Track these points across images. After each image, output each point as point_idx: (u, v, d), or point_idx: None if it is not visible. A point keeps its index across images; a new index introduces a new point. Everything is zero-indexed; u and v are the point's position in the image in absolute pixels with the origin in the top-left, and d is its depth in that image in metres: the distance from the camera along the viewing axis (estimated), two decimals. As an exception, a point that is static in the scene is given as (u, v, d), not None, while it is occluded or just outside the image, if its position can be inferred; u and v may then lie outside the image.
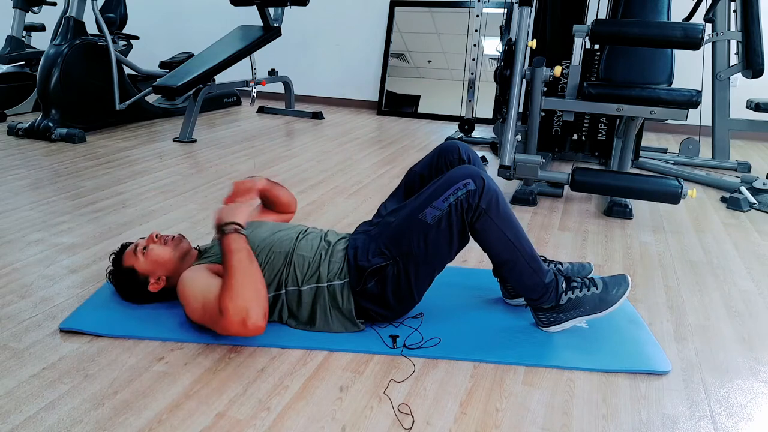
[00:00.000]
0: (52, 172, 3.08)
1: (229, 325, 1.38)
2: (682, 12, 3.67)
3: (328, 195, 2.84)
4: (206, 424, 1.22)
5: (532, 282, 1.55)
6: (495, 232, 1.49)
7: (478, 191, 1.46)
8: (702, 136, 3.83)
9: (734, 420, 1.30)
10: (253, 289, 1.39)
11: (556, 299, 1.56)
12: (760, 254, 2.28)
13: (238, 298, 1.37)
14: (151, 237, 1.65)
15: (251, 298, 1.38)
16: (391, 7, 5.38)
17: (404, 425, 1.24)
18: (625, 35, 2.52)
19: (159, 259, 1.62)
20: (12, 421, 1.22)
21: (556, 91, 3.49)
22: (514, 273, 1.54)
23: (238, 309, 1.36)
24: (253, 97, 4.52)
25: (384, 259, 1.51)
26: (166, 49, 5.70)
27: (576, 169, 2.64)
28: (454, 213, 1.47)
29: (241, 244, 1.45)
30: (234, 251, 1.43)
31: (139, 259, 1.61)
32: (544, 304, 1.58)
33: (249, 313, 1.36)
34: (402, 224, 1.52)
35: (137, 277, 1.61)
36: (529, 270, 1.53)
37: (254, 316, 1.37)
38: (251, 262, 1.43)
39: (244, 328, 1.37)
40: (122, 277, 1.64)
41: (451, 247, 1.52)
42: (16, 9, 4.81)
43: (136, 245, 1.64)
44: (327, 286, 1.54)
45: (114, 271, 1.66)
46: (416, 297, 1.57)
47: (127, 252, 1.65)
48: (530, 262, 1.53)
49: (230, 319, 1.37)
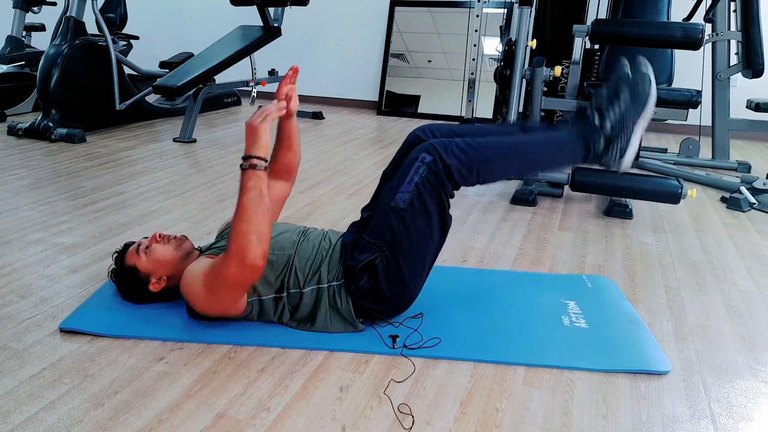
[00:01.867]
0: (52, 172, 3.08)
1: (228, 264, 1.39)
2: (682, 12, 3.67)
3: (328, 195, 2.84)
4: (206, 424, 1.22)
5: (566, 156, 1.55)
6: (486, 170, 1.52)
7: (437, 158, 1.49)
8: (702, 136, 3.83)
9: (734, 420, 1.30)
10: (255, 231, 1.38)
11: (600, 135, 1.55)
12: (760, 254, 2.28)
13: (240, 238, 1.37)
14: (155, 236, 1.65)
15: (252, 239, 1.37)
16: (391, 7, 5.38)
17: (404, 425, 1.24)
18: (625, 35, 2.52)
19: (161, 259, 1.61)
20: (12, 421, 1.22)
21: (556, 91, 3.49)
22: (546, 168, 1.56)
23: (239, 247, 1.37)
24: (253, 97, 4.52)
25: (371, 253, 1.51)
26: (166, 49, 5.69)
27: (576, 169, 2.64)
28: (424, 191, 1.49)
29: (255, 182, 1.40)
30: (247, 190, 1.40)
31: (141, 258, 1.61)
32: (598, 149, 1.56)
33: (247, 252, 1.36)
34: (379, 216, 1.53)
35: (138, 276, 1.61)
36: (549, 156, 1.55)
37: (251, 256, 1.37)
38: (259, 203, 1.39)
39: (241, 267, 1.38)
40: (124, 276, 1.64)
41: (431, 224, 1.52)
42: (16, 9, 4.80)
43: (138, 244, 1.64)
44: (327, 287, 1.55)
45: (116, 270, 1.66)
46: (412, 287, 1.56)
47: (130, 251, 1.65)
48: (543, 152, 1.54)
49: (230, 257, 1.38)
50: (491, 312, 1.71)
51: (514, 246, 2.28)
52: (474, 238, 2.35)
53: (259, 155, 1.43)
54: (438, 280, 1.84)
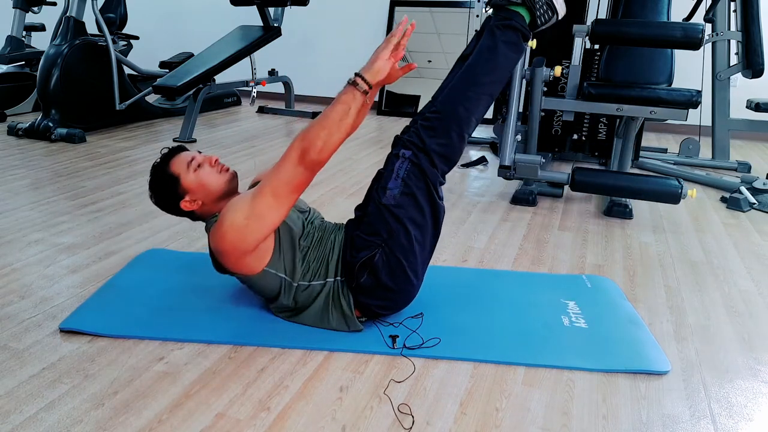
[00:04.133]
0: (52, 172, 3.08)
1: (288, 157, 1.41)
2: (682, 12, 3.67)
3: (328, 195, 2.84)
4: (206, 424, 1.22)
5: (510, 52, 1.62)
6: (458, 122, 1.55)
7: (415, 150, 1.53)
8: (702, 136, 3.83)
9: (734, 420, 1.30)
10: (326, 138, 1.40)
11: (515, 7, 1.63)
12: (760, 254, 2.28)
13: (309, 135, 1.40)
14: (210, 159, 1.60)
15: (319, 142, 1.39)
16: (391, 7, 5.38)
17: (404, 425, 1.24)
18: (625, 35, 2.52)
19: (206, 183, 1.56)
20: (12, 421, 1.22)
21: (556, 91, 3.49)
22: (504, 74, 1.65)
23: (305, 143, 1.40)
24: (253, 97, 4.52)
25: (369, 250, 1.51)
26: (166, 49, 5.69)
27: (576, 169, 2.64)
28: (411, 183, 1.51)
29: (349, 99, 1.42)
30: (338, 101, 1.43)
31: (189, 173, 1.56)
32: (525, 22, 1.63)
33: (311, 149, 1.39)
34: (372, 214, 1.54)
35: (176, 188, 1.56)
36: (497, 65, 1.62)
37: (313, 154, 1.39)
38: (342, 118, 1.41)
39: (301, 162, 1.40)
40: (162, 180, 1.58)
41: (424, 214, 1.53)
42: (16, 9, 4.81)
43: (192, 158, 1.58)
44: (333, 282, 1.56)
45: (158, 168, 1.60)
46: (414, 279, 1.56)
47: (180, 159, 1.58)
48: (489, 66, 1.61)
49: (292, 149, 1.40)
50: (491, 312, 1.71)
51: (514, 246, 2.28)
52: (474, 238, 2.35)
53: (365, 77, 1.44)
54: (438, 280, 1.84)
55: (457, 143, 1.56)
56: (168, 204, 1.61)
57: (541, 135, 3.46)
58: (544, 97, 2.82)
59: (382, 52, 1.46)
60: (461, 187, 3.07)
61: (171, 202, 1.59)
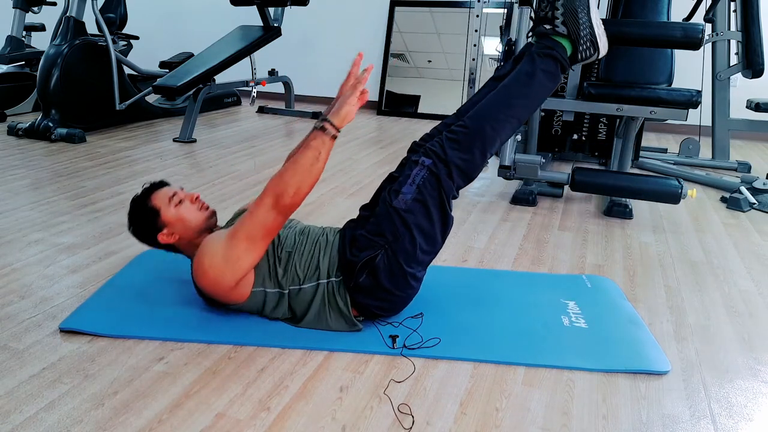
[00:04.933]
0: (52, 172, 3.08)
1: (261, 203, 1.44)
2: (682, 12, 3.67)
3: (328, 195, 2.84)
4: (206, 424, 1.22)
5: (545, 82, 1.63)
6: (483, 142, 1.56)
7: (435, 160, 1.54)
8: (702, 136, 3.83)
9: (734, 420, 1.30)
10: (297, 184, 1.43)
11: (559, 38, 1.62)
12: (760, 254, 2.28)
13: (281, 182, 1.43)
14: (191, 196, 1.63)
15: (291, 189, 1.42)
16: (391, 7, 5.38)
17: (404, 425, 1.24)
18: (625, 35, 2.51)
19: (186, 219, 1.59)
20: (12, 421, 1.22)
21: (556, 91, 3.49)
22: (536, 103, 1.67)
23: (278, 190, 1.43)
24: (253, 97, 4.52)
25: (372, 250, 1.51)
26: (166, 49, 5.69)
27: (576, 169, 2.64)
28: (425, 191, 1.52)
29: (318, 144, 1.45)
30: (308, 147, 1.45)
31: (170, 208, 1.58)
32: (566, 54, 1.64)
33: (284, 195, 1.42)
34: (380, 215, 1.54)
35: (155, 221, 1.58)
36: (531, 92, 1.63)
37: (286, 200, 1.42)
38: (312, 164, 1.43)
39: (275, 208, 1.43)
40: (142, 212, 1.61)
41: (432, 224, 1.54)
42: (16, 9, 4.81)
43: (174, 193, 1.61)
44: (326, 283, 1.55)
45: (138, 200, 1.63)
46: (413, 284, 1.56)
47: (162, 193, 1.61)
48: (523, 92, 1.61)
49: (265, 196, 1.44)
50: (491, 312, 1.71)
51: (514, 246, 2.28)
52: (474, 238, 2.35)
53: (333, 122, 1.47)
54: (438, 280, 1.84)
55: (478, 161, 1.57)
56: (145, 235, 1.64)
57: (541, 135, 3.46)
58: (544, 97, 2.82)
59: (350, 98, 1.48)
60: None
61: (149, 233, 1.62)
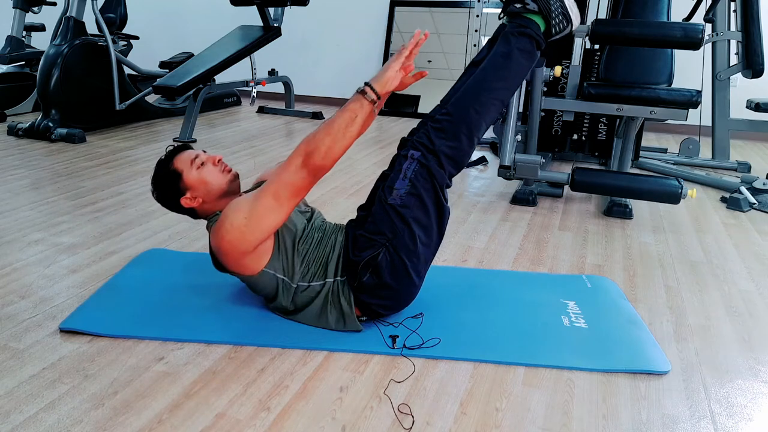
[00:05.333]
0: (52, 172, 3.08)
1: (292, 160, 1.42)
2: (682, 12, 3.67)
3: (328, 195, 2.84)
4: (206, 424, 1.22)
5: (523, 60, 1.63)
6: (468, 126, 1.55)
7: (424, 151, 1.53)
8: (702, 136, 3.83)
9: (734, 420, 1.30)
10: (330, 144, 1.41)
11: (532, 16, 1.63)
12: (760, 254, 2.28)
13: (315, 140, 1.42)
14: (214, 158, 1.61)
15: (323, 148, 1.41)
16: (391, 7, 5.38)
17: (404, 425, 1.24)
18: (625, 35, 2.52)
19: (208, 182, 1.58)
20: (12, 421, 1.22)
21: (556, 91, 3.49)
22: (516, 82, 1.66)
23: (310, 147, 1.41)
24: (253, 97, 4.52)
25: (373, 249, 1.51)
26: (166, 49, 5.70)
27: (576, 169, 2.64)
28: (418, 184, 1.52)
29: (356, 107, 1.44)
30: (345, 109, 1.44)
31: (192, 170, 1.58)
32: (540, 30, 1.64)
33: (315, 154, 1.41)
34: (377, 213, 1.54)
35: (178, 184, 1.58)
36: (510, 72, 1.63)
37: (317, 158, 1.41)
38: (347, 125, 1.43)
39: (304, 166, 1.42)
40: (164, 175, 1.60)
41: (429, 216, 1.54)
42: (16, 9, 4.81)
43: (197, 155, 1.60)
44: (333, 282, 1.56)
45: (162, 164, 1.62)
46: (416, 279, 1.56)
47: (184, 156, 1.60)
48: (502, 73, 1.62)
49: (297, 153, 1.42)
50: (491, 312, 1.71)
51: (514, 246, 2.28)
52: (474, 238, 2.35)
53: (374, 87, 1.46)
54: (438, 280, 1.84)
55: (466, 146, 1.57)
56: (169, 200, 1.62)
57: (541, 135, 3.46)
58: (544, 97, 2.82)
59: (393, 63, 1.48)
60: (461, 187, 3.07)
61: (172, 197, 1.60)
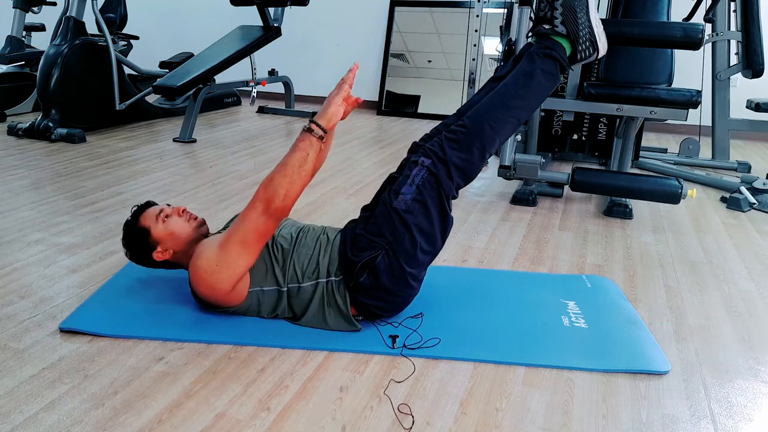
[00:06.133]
0: (52, 172, 3.08)
1: (252, 209, 1.45)
2: (682, 12, 3.67)
3: (328, 195, 2.84)
4: (206, 424, 1.22)
5: (545, 81, 1.63)
6: (482, 142, 1.55)
7: (435, 160, 1.54)
8: (702, 136, 3.83)
9: (734, 420, 1.30)
10: (287, 187, 1.44)
11: (559, 39, 1.63)
12: (760, 254, 2.28)
13: (272, 186, 1.44)
14: (178, 209, 1.64)
15: (282, 191, 1.43)
16: (391, 7, 5.38)
17: (404, 425, 1.24)
18: (625, 35, 2.51)
19: (175, 232, 1.61)
20: (12, 421, 1.22)
21: (556, 91, 3.49)
22: (536, 102, 1.66)
23: (268, 194, 1.44)
24: (253, 97, 4.52)
25: (373, 250, 1.51)
26: (166, 49, 5.69)
27: (576, 169, 2.64)
28: (425, 192, 1.52)
29: (306, 146, 1.46)
30: (296, 149, 1.46)
31: (158, 225, 1.60)
32: (565, 54, 1.64)
33: (274, 199, 1.43)
34: (380, 215, 1.54)
35: (147, 240, 1.61)
36: (531, 92, 1.63)
37: (278, 203, 1.43)
38: (300, 165, 1.45)
39: (265, 213, 1.44)
40: (134, 234, 1.63)
41: (432, 224, 1.54)
42: (16, 9, 4.81)
43: (161, 210, 1.63)
44: (326, 282, 1.56)
45: (129, 224, 1.65)
46: (413, 284, 1.56)
47: (149, 213, 1.63)
48: (523, 92, 1.62)
49: (256, 202, 1.45)
50: (491, 312, 1.71)
51: (514, 246, 2.28)
52: (474, 238, 2.35)
53: (320, 123, 1.47)
54: (438, 280, 1.85)
55: (477, 160, 1.57)
56: (141, 256, 1.65)
57: (541, 135, 3.46)
58: (544, 97, 2.82)
59: (335, 97, 1.50)
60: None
61: (144, 253, 1.63)
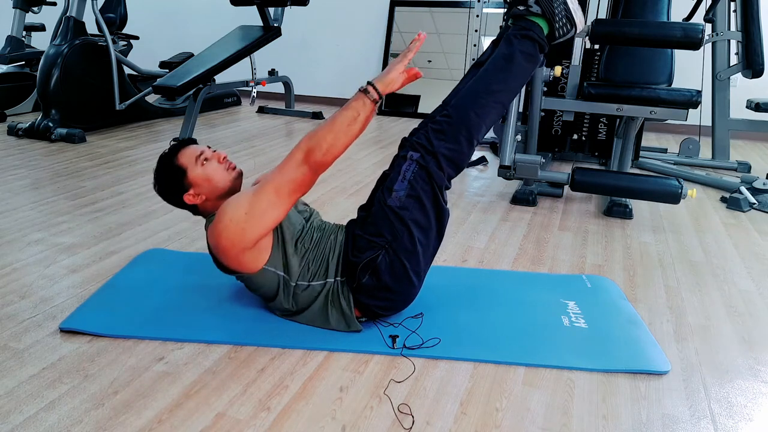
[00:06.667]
0: (52, 172, 3.08)
1: (292, 157, 1.44)
2: (682, 12, 3.67)
3: (328, 195, 2.84)
4: (206, 424, 1.22)
5: (525, 62, 1.62)
6: (468, 128, 1.55)
7: (423, 152, 1.53)
8: (702, 136, 3.83)
9: (734, 420, 1.30)
10: (332, 141, 1.43)
11: (535, 18, 1.63)
12: (760, 254, 2.28)
13: (316, 138, 1.44)
14: (219, 155, 1.60)
15: (325, 145, 1.42)
16: (391, 7, 5.38)
17: (404, 425, 1.24)
18: (625, 35, 2.52)
19: (213, 180, 1.57)
20: (12, 421, 1.22)
21: (556, 91, 3.49)
22: (518, 84, 1.66)
23: (311, 144, 1.43)
24: (253, 97, 4.52)
25: (373, 250, 1.51)
26: (166, 49, 5.69)
27: (576, 169, 2.64)
28: (417, 186, 1.52)
29: (359, 106, 1.46)
30: (348, 107, 1.46)
31: (197, 167, 1.56)
32: (543, 33, 1.64)
33: (316, 151, 1.42)
34: (377, 215, 1.54)
35: (182, 181, 1.56)
36: (512, 75, 1.63)
37: (318, 155, 1.42)
38: (349, 123, 1.45)
39: (305, 162, 1.43)
40: (168, 170, 1.58)
41: (428, 218, 1.54)
42: (16, 9, 4.81)
43: (201, 152, 1.58)
44: (333, 282, 1.56)
45: (166, 159, 1.60)
46: (416, 281, 1.56)
47: (189, 151, 1.58)
48: (504, 75, 1.62)
49: (297, 150, 1.43)
50: (491, 312, 1.71)
51: (514, 246, 2.28)
52: (474, 238, 2.35)
53: (377, 87, 1.48)
54: (438, 280, 1.85)
55: (465, 148, 1.57)
56: (171, 195, 1.60)
57: (541, 135, 3.46)
58: (544, 97, 2.82)
59: (397, 64, 1.50)
60: (461, 187, 3.07)
61: (174, 193, 1.59)
